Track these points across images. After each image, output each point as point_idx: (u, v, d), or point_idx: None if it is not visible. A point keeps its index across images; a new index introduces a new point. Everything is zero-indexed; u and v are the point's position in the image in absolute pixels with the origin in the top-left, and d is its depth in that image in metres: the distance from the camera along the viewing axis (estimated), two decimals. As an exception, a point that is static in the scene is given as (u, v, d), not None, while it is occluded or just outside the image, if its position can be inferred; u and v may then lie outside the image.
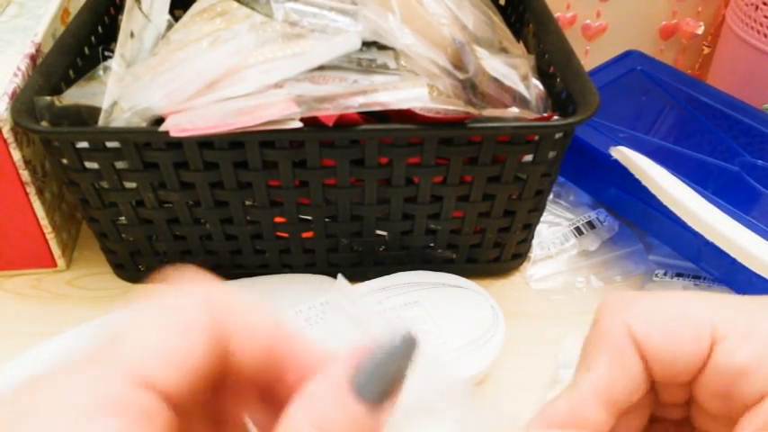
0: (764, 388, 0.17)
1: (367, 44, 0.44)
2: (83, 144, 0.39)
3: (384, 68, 0.43)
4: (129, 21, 0.45)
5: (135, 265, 0.48)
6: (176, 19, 0.49)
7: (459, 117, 0.39)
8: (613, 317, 0.20)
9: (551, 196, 0.55)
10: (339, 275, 0.42)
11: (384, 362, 0.16)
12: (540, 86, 0.45)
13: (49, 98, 0.40)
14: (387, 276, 0.46)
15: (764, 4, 0.58)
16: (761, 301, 0.19)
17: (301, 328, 0.42)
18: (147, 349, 0.15)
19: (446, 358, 0.41)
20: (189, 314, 0.16)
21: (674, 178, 0.45)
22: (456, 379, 0.21)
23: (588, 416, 0.19)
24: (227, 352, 0.16)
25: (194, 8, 0.48)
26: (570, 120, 0.39)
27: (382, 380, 0.15)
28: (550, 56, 0.47)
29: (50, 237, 0.47)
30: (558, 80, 0.45)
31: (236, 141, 0.39)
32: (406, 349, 0.16)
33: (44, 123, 0.39)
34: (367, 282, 0.46)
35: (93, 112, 0.41)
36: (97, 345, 0.15)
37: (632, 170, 0.46)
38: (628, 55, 0.62)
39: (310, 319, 0.42)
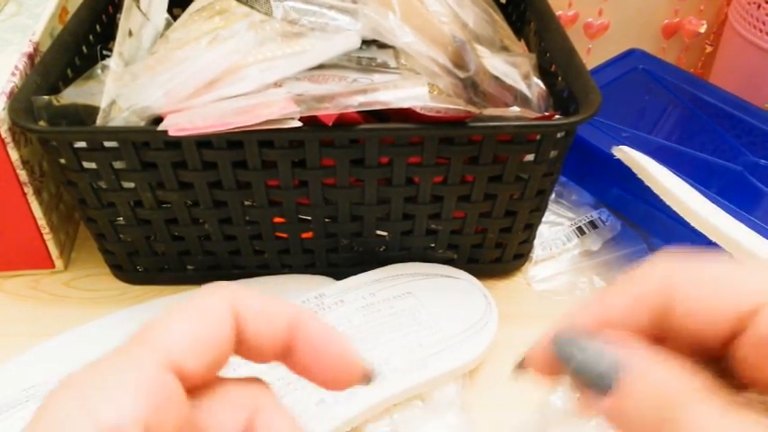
0: None
1: (367, 43, 0.43)
2: (81, 144, 0.39)
3: (384, 67, 0.43)
4: (128, 19, 0.45)
5: (133, 265, 0.47)
6: (175, 18, 0.48)
7: (460, 116, 0.39)
8: (657, 266, 0.20)
9: (553, 196, 0.55)
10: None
11: None
12: (542, 85, 0.44)
13: (46, 97, 0.39)
14: (379, 269, 0.46)
15: (767, 2, 0.58)
16: None
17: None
18: (178, 338, 0.18)
19: (442, 346, 0.42)
20: (215, 308, 0.18)
21: (677, 178, 0.45)
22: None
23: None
24: (242, 339, 0.19)
25: (193, 7, 0.48)
26: (572, 119, 0.39)
27: None
28: (552, 54, 0.46)
29: (48, 237, 0.47)
30: (560, 79, 0.45)
31: (234, 141, 0.39)
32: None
33: (42, 123, 0.39)
34: (359, 275, 0.46)
35: (92, 111, 0.40)
36: (134, 332, 0.18)
37: (635, 169, 0.46)
38: (630, 54, 0.62)
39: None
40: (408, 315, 0.43)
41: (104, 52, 0.48)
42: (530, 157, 0.41)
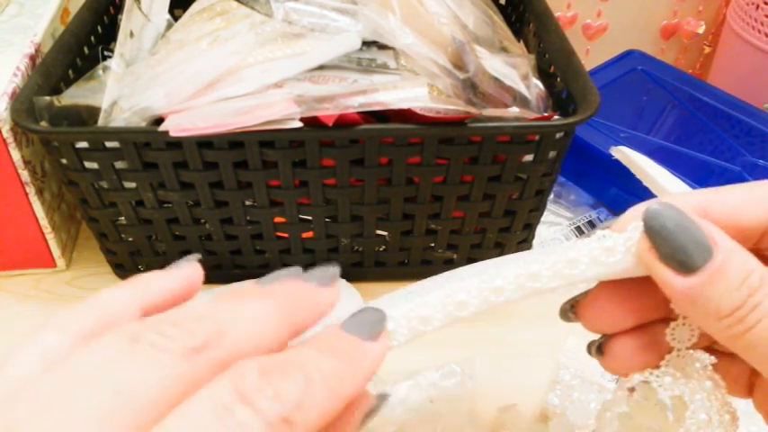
0: None
1: (367, 44, 0.44)
2: (82, 144, 0.39)
3: (384, 68, 0.43)
4: (129, 20, 0.45)
5: (135, 264, 0.48)
6: (176, 18, 0.48)
7: (460, 117, 0.39)
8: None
9: (552, 196, 0.55)
10: None
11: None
12: (541, 86, 0.44)
13: (48, 98, 0.40)
14: None
15: (765, 3, 0.58)
16: None
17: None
18: None
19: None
20: None
21: (675, 178, 0.45)
22: None
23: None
24: None
25: (194, 8, 0.48)
26: (571, 119, 0.39)
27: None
28: (551, 55, 0.47)
29: (50, 237, 0.47)
30: (559, 80, 0.45)
31: (235, 141, 0.39)
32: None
33: (43, 123, 0.39)
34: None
35: (93, 111, 0.41)
36: None
37: (633, 170, 0.46)
38: (628, 54, 0.62)
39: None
40: None
41: (106, 53, 0.48)
42: (529, 158, 0.41)
